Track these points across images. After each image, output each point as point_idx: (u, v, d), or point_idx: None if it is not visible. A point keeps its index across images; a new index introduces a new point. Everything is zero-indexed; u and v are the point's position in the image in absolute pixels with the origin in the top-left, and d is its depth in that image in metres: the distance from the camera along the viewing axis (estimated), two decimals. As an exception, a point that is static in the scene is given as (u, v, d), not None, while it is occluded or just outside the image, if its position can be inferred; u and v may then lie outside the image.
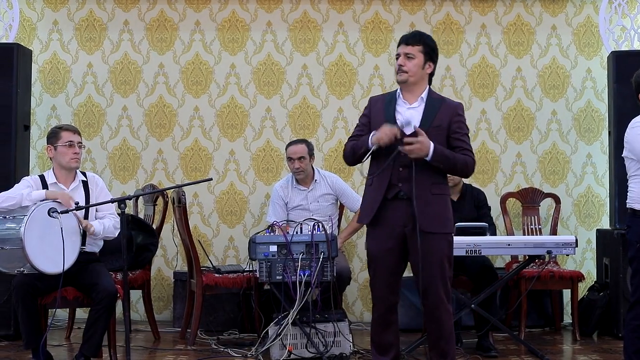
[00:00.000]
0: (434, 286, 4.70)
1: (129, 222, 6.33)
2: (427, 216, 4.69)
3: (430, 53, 4.83)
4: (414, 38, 4.83)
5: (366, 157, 4.76)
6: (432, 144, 4.62)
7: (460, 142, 4.79)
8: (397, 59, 4.85)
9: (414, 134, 4.64)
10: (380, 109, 4.85)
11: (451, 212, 4.84)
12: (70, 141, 5.52)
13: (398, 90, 4.89)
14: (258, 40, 7.74)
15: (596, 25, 7.64)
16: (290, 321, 5.74)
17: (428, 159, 4.63)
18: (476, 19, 7.76)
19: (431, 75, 4.90)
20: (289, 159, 6.88)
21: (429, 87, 4.89)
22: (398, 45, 4.87)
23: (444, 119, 4.77)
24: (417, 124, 4.73)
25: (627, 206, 5.02)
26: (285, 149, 6.99)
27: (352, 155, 4.88)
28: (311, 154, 6.87)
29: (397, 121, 4.72)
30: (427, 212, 4.69)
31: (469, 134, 4.94)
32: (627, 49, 7.31)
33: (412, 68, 4.78)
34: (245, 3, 7.73)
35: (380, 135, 4.66)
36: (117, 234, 5.56)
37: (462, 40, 7.76)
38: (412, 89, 4.83)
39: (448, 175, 4.95)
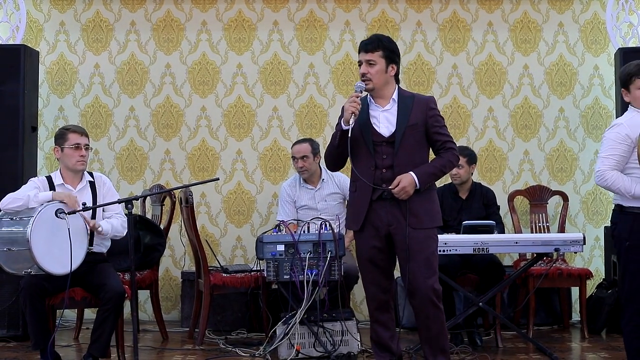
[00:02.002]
0: (421, 283, 4.72)
1: (137, 223, 6.36)
2: (415, 214, 4.77)
3: (391, 56, 4.86)
4: (373, 44, 4.85)
5: (347, 140, 4.73)
6: (414, 176, 4.73)
7: (439, 135, 4.88)
8: (359, 66, 4.89)
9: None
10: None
11: (437, 205, 4.93)
12: (77, 144, 5.53)
13: (368, 95, 4.92)
14: (264, 40, 7.74)
15: (603, 22, 7.63)
16: (298, 320, 5.74)
17: (418, 188, 4.73)
18: (483, 17, 7.75)
19: (397, 75, 4.92)
20: (293, 158, 6.90)
21: (397, 86, 4.94)
22: (358, 52, 4.91)
23: (419, 116, 4.83)
24: (394, 127, 4.82)
25: (614, 202, 4.98)
26: (291, 149, 7.00)
27: (332, 149, 4.92)
28: (315, 153, 6.87)
29: (355, 89, 4.80)
30: (415, 210, 4.77)
31: (476, 132, 4.98)
32: (634, 45, 7.28)
33: (376, 75, 4.83)
34: (252, 3, 7.74)
35: (346, 113, 4.73)
36: (125, 233, 5.56)
37: (468, 38, 7.75)
38: (380, 93, 4.89)
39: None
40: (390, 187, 4.73)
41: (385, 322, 4.95)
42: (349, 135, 4.72)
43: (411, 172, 4.73)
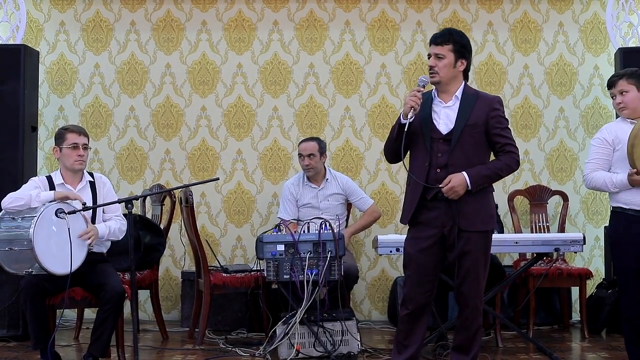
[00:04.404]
0: (467, 285, 4.67)
1: (137, 222, 6.35)
2: (466, 215, 4.63)
3: (461, 50, 4.75)
4: (443, 37, 4.74)
5: (403, 135, 4.60)
6: (465, 176, 4.57)
7: (500, 137, 4.71)
8: (428, 58, 4.78)
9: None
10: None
11: (492, 208, 4.78)
12: (75, 143, 5.52)
13: (433, 90, 4.81)
14: (264, 40, 7.74)
15: (603, 22, 7.63)
16: (298, 320, 5.73)
17: (470, 188, 4.59)
18: (483, 17, 7.75)
19: (466, 71, 4.80)
20: (300, 155, 6.91)
21: (465, 83, 4.80)
22: (429, 45, 4.80)
23: (480, 115, 4.68)
24: (452, 124, 4.68)
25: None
26: (298, 146, 7.01)
27: (389, 142, 4.78)
28: (322, 152, 6.89)
29: (419, 82, 4.71)
30: (466, 211, 4.63)
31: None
32: (634, 45, 7.28)
33: (443, 68, 4.70)
34: (252, 2, 7.74)
35: (405, 107, 4.61)
36: (121, 237, 5.57)
37: (469, 38, 7.72)
38: (446, 88, 4.75)
39: None
40: (440, 186, 4.60)
41: (420, 324, 4.79)
42: (405, 129, 4.60)
43: (463, 172, 4.58)
